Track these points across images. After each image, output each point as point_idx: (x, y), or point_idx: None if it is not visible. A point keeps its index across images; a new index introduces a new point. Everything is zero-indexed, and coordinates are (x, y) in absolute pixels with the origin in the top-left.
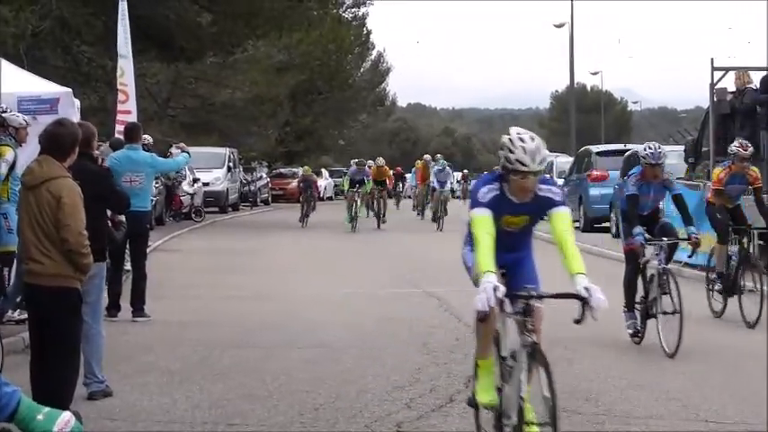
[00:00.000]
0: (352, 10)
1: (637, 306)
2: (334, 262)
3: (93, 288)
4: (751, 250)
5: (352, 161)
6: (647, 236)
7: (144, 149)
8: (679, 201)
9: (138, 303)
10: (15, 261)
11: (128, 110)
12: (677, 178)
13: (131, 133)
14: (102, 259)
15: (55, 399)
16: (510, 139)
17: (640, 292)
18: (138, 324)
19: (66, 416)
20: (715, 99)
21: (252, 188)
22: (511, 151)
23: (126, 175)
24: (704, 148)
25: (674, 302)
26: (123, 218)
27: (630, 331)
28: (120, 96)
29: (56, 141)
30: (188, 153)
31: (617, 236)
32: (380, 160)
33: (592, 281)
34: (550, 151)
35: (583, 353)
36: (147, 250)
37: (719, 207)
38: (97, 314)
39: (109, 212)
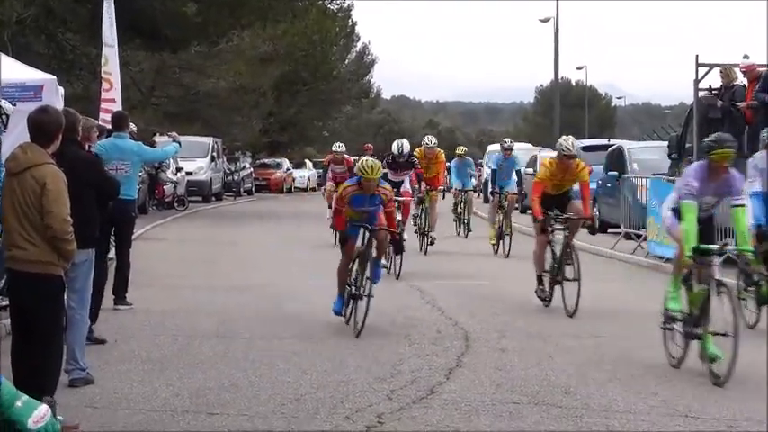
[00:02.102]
0: (338, 2)
1: None
2: (317, 252)
3: (80, 275)
4: None
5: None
6: None
7: (130, 138)
8: None
9: (121, 291)
10: None
11: (112, 98)
12: (660, 174)
13: (119, 122)
14: (91, 246)
15: (37, 386)
16: None
17: None
18: (119, 312)
19: (42, 410)
20: (704, 102)
21: (235, 178)
22: None
23: (112, 164)
24: (688, 145)
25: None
26: None
27: None
28: (104, 85)
29: (40, 128)
30: (179, 143)
31: (598, 230)
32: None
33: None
34: (534, 146)
35: (562, 346)
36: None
37: None
38: (83, 301)
39: None
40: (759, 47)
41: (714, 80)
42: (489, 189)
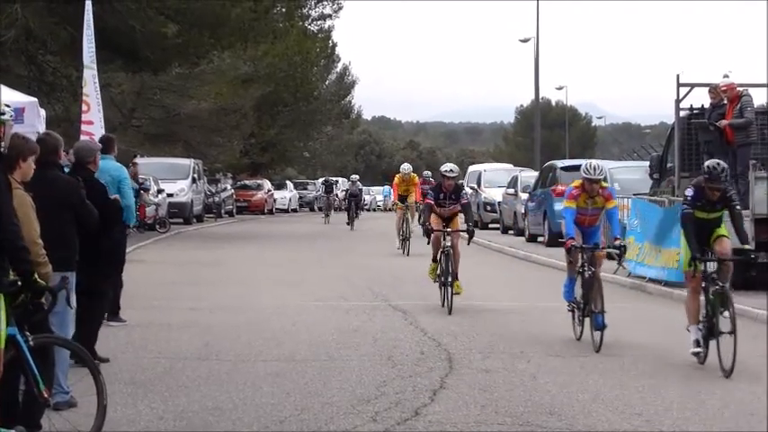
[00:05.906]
0: (318, 23)
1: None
2: (299, 274)
3: (60, 297)
4: None
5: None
6: None
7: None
8: None
9: (114, 308)
10: None
11: (90, 120)
12: (641, 194)
13: (105, 145)
14: (70, 269)
15: (26, 414)
16: None
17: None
18: (101, 334)
19: None
20: (695, 126)
21: (216, 199)
22: None
23: None
24: (669, 164)
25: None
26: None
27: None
28: (83, 107)
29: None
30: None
31: None
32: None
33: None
34: (515, 165)
35: (546, 367)
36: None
37: None
38: (64, 324)
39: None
40: (738, 66)
41: (695, 100)
42: None
